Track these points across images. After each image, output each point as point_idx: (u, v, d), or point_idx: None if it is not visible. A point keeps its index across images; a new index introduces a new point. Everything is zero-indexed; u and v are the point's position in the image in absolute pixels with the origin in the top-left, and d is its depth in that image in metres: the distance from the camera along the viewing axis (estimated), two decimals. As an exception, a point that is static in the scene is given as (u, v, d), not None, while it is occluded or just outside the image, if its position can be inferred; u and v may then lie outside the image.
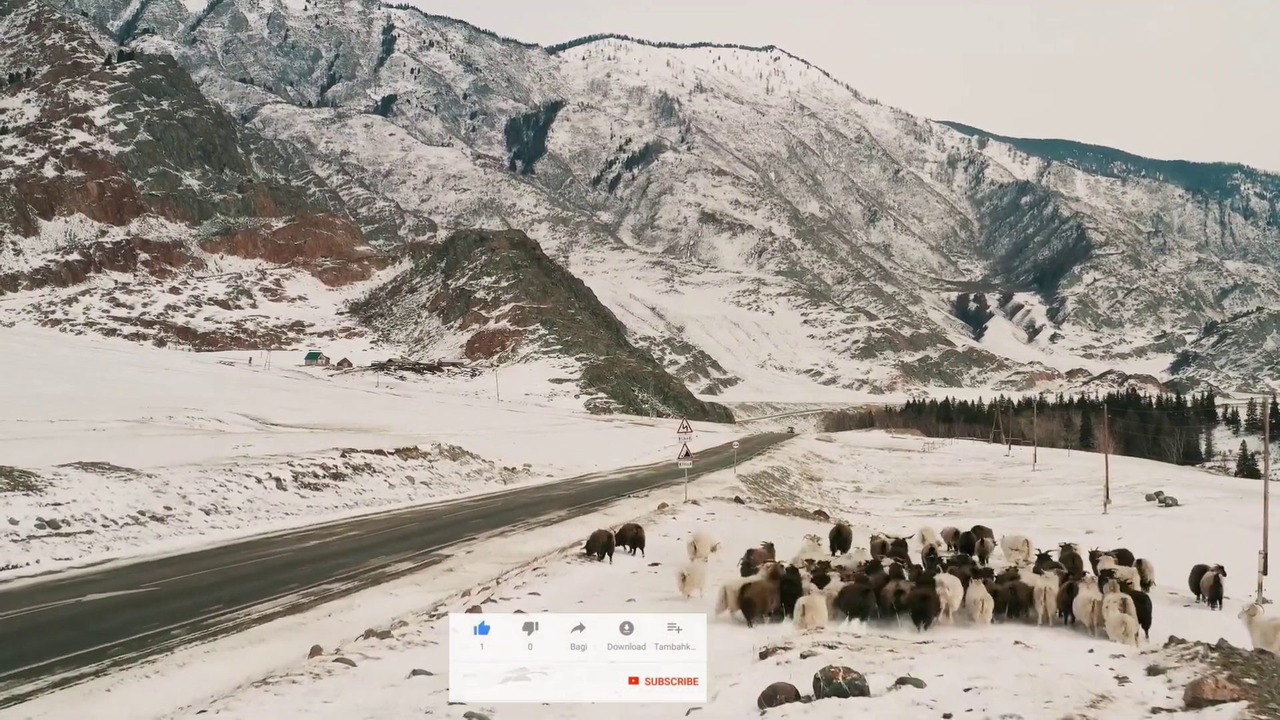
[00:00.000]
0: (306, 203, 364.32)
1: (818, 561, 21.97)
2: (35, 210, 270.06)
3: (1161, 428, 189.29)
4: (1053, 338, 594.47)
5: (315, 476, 39.50)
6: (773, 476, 74.50)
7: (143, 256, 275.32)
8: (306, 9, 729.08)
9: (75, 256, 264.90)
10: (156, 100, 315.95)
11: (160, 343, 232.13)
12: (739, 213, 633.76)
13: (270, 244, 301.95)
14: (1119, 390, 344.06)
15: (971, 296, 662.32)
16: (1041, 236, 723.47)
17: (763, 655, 13.35)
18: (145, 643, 16.18)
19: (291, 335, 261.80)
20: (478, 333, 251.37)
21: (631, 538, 25.53)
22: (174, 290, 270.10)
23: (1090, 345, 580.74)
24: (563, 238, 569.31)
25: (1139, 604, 17.67)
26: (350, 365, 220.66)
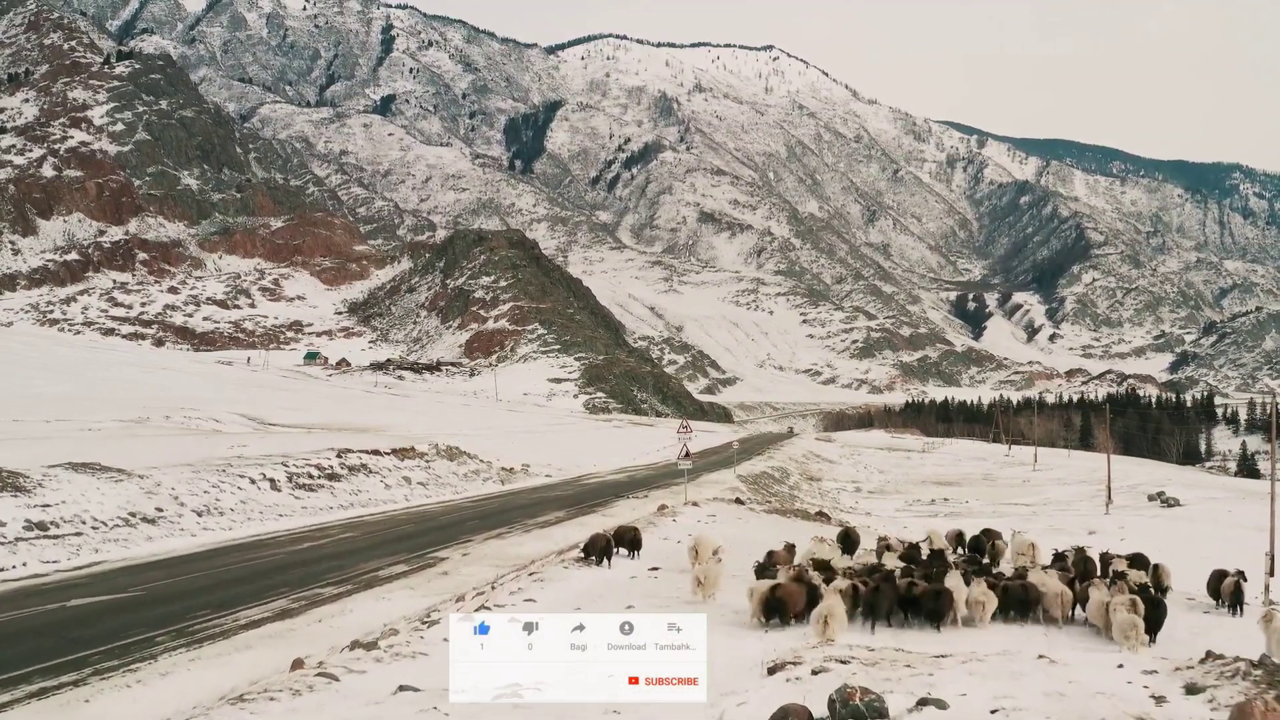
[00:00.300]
0: (305, 202, 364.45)
1: (823, 561, 21.71)
2: (33, 210, 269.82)
3: (1161, 427, 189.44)
4: (1052, 337, 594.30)
5: (310, 477, 39.07)
6: (772, 477, 74.29)
7: (141, 256, 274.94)
8: (305, 9, 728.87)
9: (73, 256, 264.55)
10: (155, 100, 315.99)
11: (158, 342, 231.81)
12: (738, 212, 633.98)
13: (269, 244, 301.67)
14: (1118, 390, 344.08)
15: (970, 296, 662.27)
16: (1040, 236, 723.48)
17: (771, 671, 12.74)
18: (128, 650, 15.72)
19: (290, 335, 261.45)
20: (476, 332, 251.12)
21: (629, 540, 25.07)
22: (172, 290, 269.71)
23: (1089, 345, 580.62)
24: (561, 237, 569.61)
25: (1153, 609, 17.32)
26: (349, 365, 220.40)
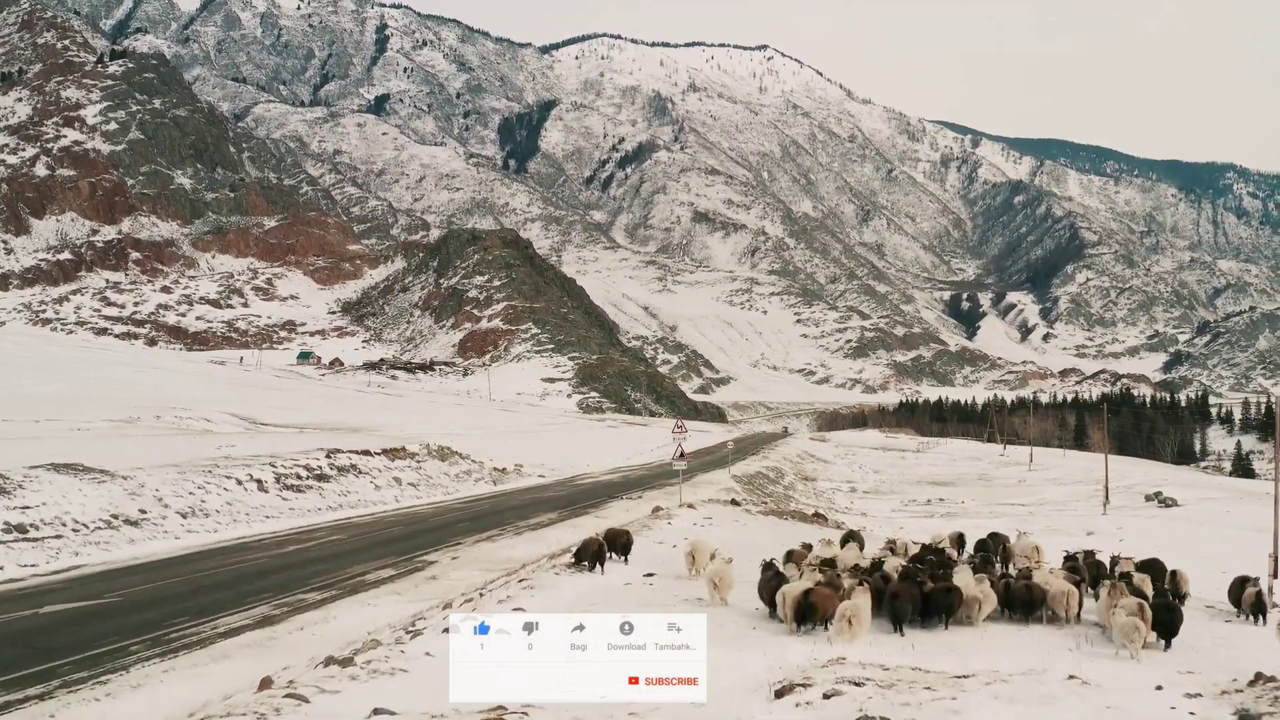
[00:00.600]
0: (299, 202, 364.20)
1: (829, 560, 21.48)
2: (26, 209, 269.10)
3: (1156, 427, 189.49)
4: (1045, 337, 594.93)
5: (298, 478, 38.49)
6: (767, 477, 73.95)
7: (134, 255, 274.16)
8: (300, 8, 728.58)
9: (66, 255, 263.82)
10: (149, 99, 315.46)
11: (151, 342, 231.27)
12: (732, 212, 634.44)
13: (262, 243, 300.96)
14: (1112, 390, 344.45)
15: (964, 296, 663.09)
16: (1034, 236, 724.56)
17: (779, 694, 11.92)
18: (100, 660, 15.09)
19: (283, 334, 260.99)
20: (470, 332, 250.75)
21: (621, 544, 24.45)
22: (165, 289, 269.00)
23: (1083, 345, 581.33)
24: (555, 237, 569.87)
25: (1167, 613, 16.82)
26: (342, 364, 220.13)
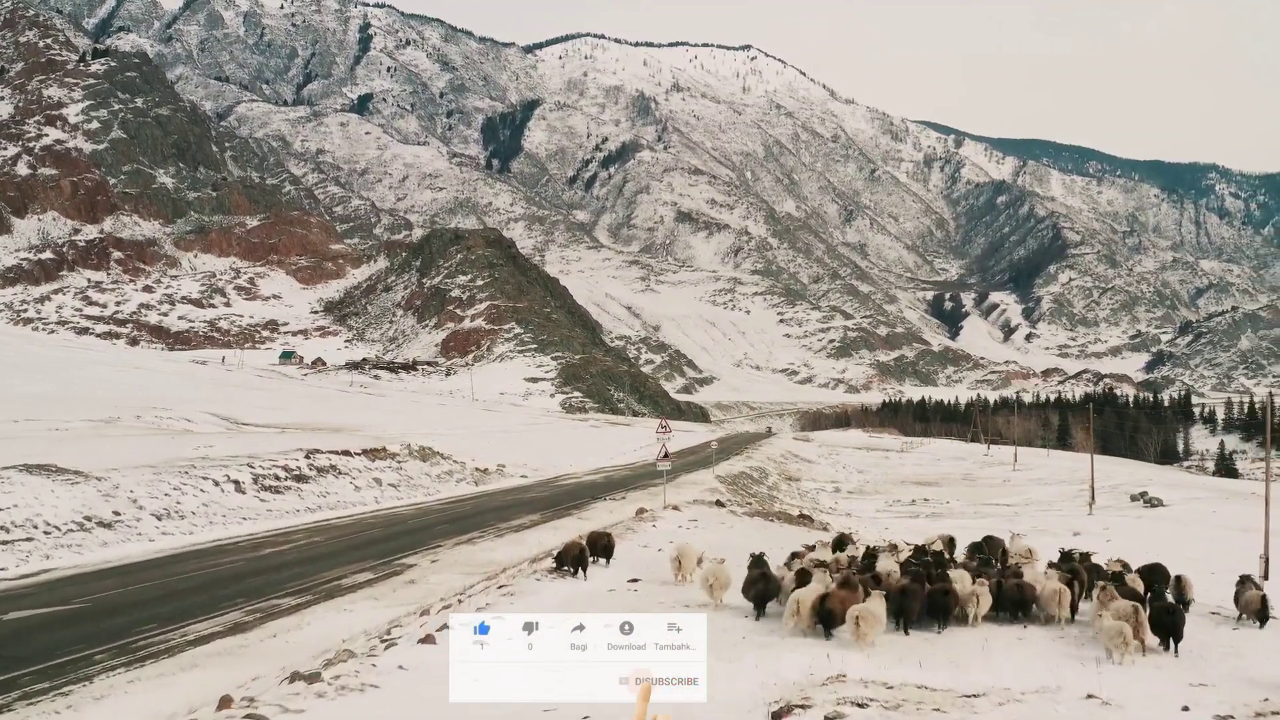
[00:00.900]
0: (281, 201, 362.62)
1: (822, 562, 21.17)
2: (8, 208, 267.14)
3: (1139, 427, 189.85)
4: (1028, 337, 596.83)
5: (277, 479, 37.98)
6: (751, 477, 73.62)
7: (116, 255, 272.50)
8: (283, 7, 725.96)
9: (48, 255, 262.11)
10: (131, 98, 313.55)
11: (133, 342, 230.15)
12: (715, 212, 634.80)
13: (245, 242, 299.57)
14: (1095, 389, 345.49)
15: (947, 296, 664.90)
16: (1017, 236, 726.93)
17: (776, 716, 11.43)
18: (63, 670, 14.60)
19: (265, 334, 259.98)
20: (453, 331, 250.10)
21: (603, 547, 23.93)
22: (147, 289, 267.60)
23: (1065, 345, 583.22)
24: (539, 237, 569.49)
25: (1168, 615, 16.44)
26: (324, 364, 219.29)
